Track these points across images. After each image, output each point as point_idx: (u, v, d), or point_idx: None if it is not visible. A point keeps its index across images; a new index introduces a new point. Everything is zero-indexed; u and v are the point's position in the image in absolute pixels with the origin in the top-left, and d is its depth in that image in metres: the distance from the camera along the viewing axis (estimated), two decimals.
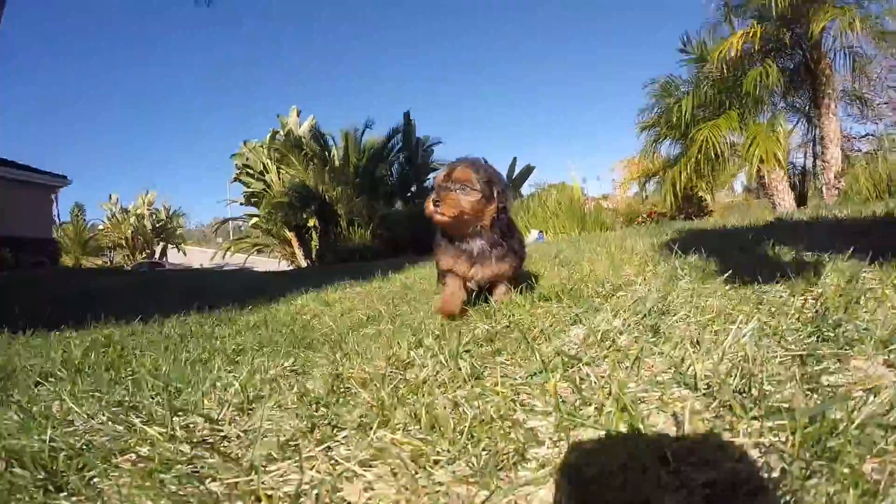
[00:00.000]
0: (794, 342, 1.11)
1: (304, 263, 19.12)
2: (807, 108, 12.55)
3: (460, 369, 1.20)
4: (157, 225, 44.79)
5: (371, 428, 0.97)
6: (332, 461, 0.89)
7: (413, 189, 21.24)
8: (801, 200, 12.49)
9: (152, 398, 1.41)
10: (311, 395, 1.24)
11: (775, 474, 0.68)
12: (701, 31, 12.92)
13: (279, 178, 20.28)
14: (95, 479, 0.98)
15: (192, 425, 1.17)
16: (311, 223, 18.98)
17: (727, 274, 1.83)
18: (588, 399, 0.94)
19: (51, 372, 2.09)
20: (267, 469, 0.90)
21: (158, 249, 43.98)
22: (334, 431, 1.00)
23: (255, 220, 21.98)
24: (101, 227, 42.45)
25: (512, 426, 0.89)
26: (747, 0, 11.83)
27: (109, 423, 1.26)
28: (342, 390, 1.24)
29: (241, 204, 23.59)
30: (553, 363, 1.14)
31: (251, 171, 21.29)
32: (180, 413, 1.24)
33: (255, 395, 1.35)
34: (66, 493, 0.96)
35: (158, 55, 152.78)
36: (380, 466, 0.85)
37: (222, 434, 1.12)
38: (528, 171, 24.58)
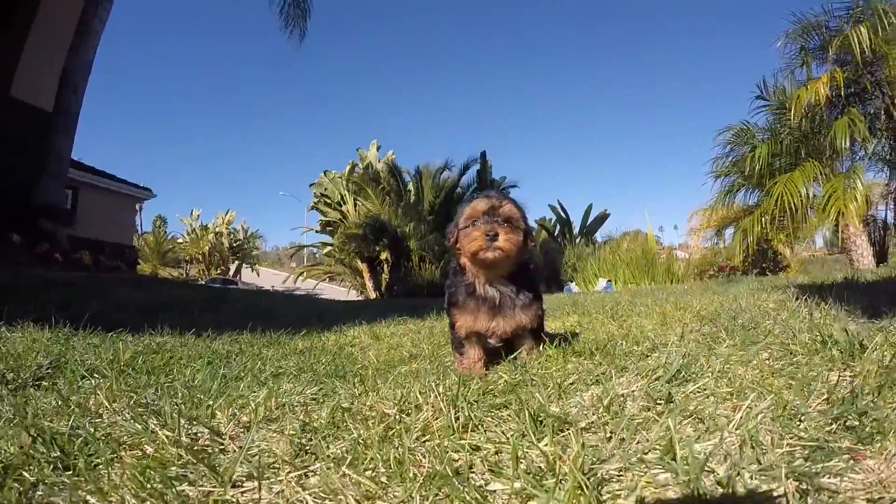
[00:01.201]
0: (809, 429, 1.03)
1: (373, 295, 19.53)
2: (888, 156, 11.66)
3: (457, 419, 1.23)
4: (235, 244, 47.57)
5: (343, 463, 1.03)
6: (296, 490, 0.98)
7: None
8: (881, 257, 11.62)
9: (175, 405, 1.54)
10: (313, 424, 1.32)
11: None
12: (778, 76, 12.31)
13: (355, 210, 21.10)
14: (100, 466, 1.12)
15: (199, 434, 1.29)
16: (383, 256, 19.45)
17: (766, 340, 1.76)
18: (554, 469, 0.94)
19: (98, 368, 2.30)
20: (242, 485, 0.99)
21: (233, 267, 46.51)
22: (314, 461, 1.09)
23: (328, 248, 22.83)
24: (180, 240, 45.53)
25: (466, 486, 0.91)
26: (827, 43, 11.08)
27: (131, 420, 1.40)
28: (341, 423, 1.32)
29: (317, 231, 24.66)
30: (546, 424, 1.14)
31: (329, 201, 22.30)
32: (193, 422, 1.36)
33: (266, 416, 1.45)
34: (70, 472, 1.10)
35: (250, 87, 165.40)
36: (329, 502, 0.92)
37: (222, 447, 1.23)
38: (602, 217, 24.45)
